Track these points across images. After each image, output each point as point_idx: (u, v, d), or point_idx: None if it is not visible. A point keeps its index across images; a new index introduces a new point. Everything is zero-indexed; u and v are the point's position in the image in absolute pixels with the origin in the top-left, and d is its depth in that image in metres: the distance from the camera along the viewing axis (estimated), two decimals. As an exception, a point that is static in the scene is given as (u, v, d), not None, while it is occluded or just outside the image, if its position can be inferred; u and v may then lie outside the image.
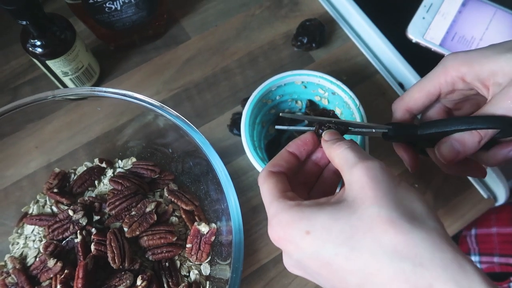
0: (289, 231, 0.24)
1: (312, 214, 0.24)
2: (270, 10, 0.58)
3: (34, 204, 0.43)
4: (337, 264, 0.23)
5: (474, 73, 0.30)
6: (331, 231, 0.23)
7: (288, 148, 0.31)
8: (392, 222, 0.22)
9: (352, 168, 0.25)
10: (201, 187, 0.42)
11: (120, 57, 0.55)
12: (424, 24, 0.51)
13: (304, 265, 0.25)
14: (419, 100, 0.34)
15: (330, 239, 0.23)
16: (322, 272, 0.24)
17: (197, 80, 0.54)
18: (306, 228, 0.24)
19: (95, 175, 0.44)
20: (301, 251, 0.24)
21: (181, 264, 0.40)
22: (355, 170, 0.25)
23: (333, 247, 0.23)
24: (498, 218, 0.58)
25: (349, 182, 0.25)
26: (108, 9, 0.47)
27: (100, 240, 0.38)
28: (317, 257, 0.23)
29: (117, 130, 0.46)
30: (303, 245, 0.24)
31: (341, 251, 0.22)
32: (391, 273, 0.21)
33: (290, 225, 0.24)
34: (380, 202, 0.23)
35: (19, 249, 0.41)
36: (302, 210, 0.25)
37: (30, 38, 0.43)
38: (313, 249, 0.23)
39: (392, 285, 0.21)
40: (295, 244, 0.24)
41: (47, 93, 0.39)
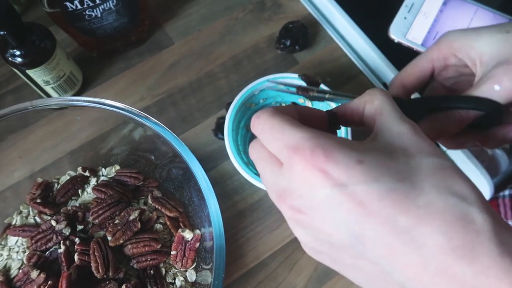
0: (336, 156, 0.19)
1: (363, 147, 0.20)
2: (253, 13, 0.58)
3: (18, 215, 0.43)
4: (391, 198, 0.19)
5: (465, 50, 0.31)
6: (388, 167, 0.20)
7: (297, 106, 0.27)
8: (457, 172, 0.20)
9: (399, 123, 0.22)
10: (185, 193, 0.42)
11: (103, 64, 0.55)
12: (406, 24, 0.51)
13: (329, 203, 0.20)
14: (412, 75, 0.34)
15: (388, 173, 0.19)
16: (359, 211, 0.19)
17: (181, 85, 0.54)
18: (358, 158, 0.20)
19: (78, 184, 0.44)
20: (343, 181, 0.19)
21: (166, 271, 0.40)
22: (403, 125, 0.22)
23: (391, 181, 0.19)
24: None
25: (395, 133, 0.22)
26: (89, 17, 0.47)
27: (84, 250, 0.38)
28: (365, 190, 0.19)
29: (101, 138, 0.46)
30: (350, 174, 0.19)
31: (400, 186, 0.19)
32: (457, 213, 0.19)
33: (337, 149, 0.20)
34: (438, 155, 0.21)
35: (3, 261, 0.40)
36: (348, 142, 0.21)
37: (9, 48, 0.43)
38: (365, 179, 0.19)
39: (459, 225, 0.18)
40: (342, 171, 0.19)
41: (26, 104, 0.39)
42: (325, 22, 0.57)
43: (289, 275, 0.45)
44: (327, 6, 0.56)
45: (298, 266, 0.45)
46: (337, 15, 0.55)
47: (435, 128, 0.30)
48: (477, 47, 0.30)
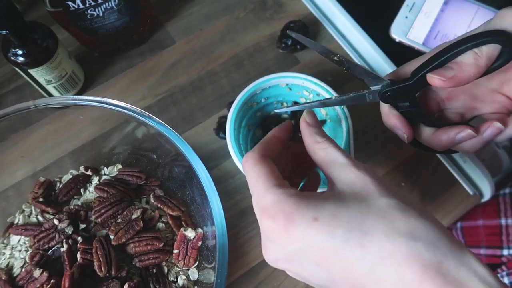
0: (294, 218, 0.23)
1: (319, 202, 0.23)
2: (254, 13, 0.58)
3: (20, 214, 0.43)
4: (346, 251, 0.22)
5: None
6: (341, 218, 0.23)
7: (275, 133, 0.31)
8: (403, 210, 0.23)
9: (348, 167, 0.25)
10: (187, 192, 0.42)
11: (105, 63, 0.55)
12: (407, 23, 0.51)
13: (300, 256, 0.23)
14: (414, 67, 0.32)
15: (340, 225, 0.22)
16: (322, 262, 0.23)
17: (182, 85, 0.54)
18: (314, 215, 0.23)
19: (80, 183, 0.44)
20: (305, 239, 0.23)
21: (169, 270, 0.40)
22: (352, 169, 0.25)
23: (344, 233, 0.22)
24: (484, 211, 0.58)
25: (345, 178, 0.25)
26: (90, 16, 0.47)
27: (86, 249, 0.38)
28: (322, 245, 0.22)
29: (103, 137, 0.46)
30: (309, 233, 0.23)
31: (352, 236, 0.22)
32: (407, 252, 0.21)
33: (296, 212, 0.23)
34: (387, 195, 0.24)
35: (5, 259, 0.40)
36: (307, 198, 0.24)
37: (11, 48, 0.43)
38: (321, 236, 0.22)
39: (407, 264, 0.21)
40: (299, 232, 0.23)
41: (28, 103, 0.39)
42: (326, 21, 0.57)
43: (291, 274, 0.45)
44: (328, 5, 0.56)
45: (299, 265, 0.45)
46: (338, 14, 0.55)
47: (449, 73, 0.29)
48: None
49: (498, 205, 0.53)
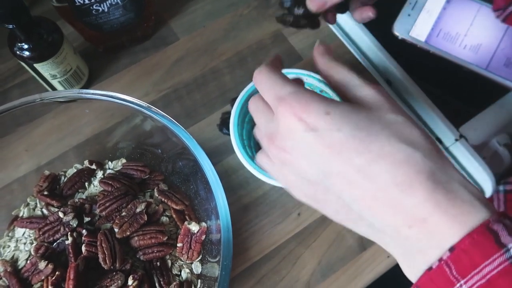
0: (309, 108, 0.25)
1: (334, 102, 0.25)
2: (258, 10, 0.59)
3: (25, 207, 0.43)
4: (349, 144, 0.23)
5: None
6: (350, 118, 0.24)
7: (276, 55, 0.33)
8: (409, 125, 0.24)
9: (364, 86, 0.27)
10: (191, 186, 0.43)
11: (109, 59, 0.55)
12: (410, 21, 0.52)
13: (306, 145, 0.25)
14: None
15: (349, 123, 0.24)
16: (324, 151, 0.24)
17: (186, 81, 0.54)
18: (327, 110, 0.24)
19: (85, 177, 0.44)
20: (314, 127, 0.24)
21: (172, 263, 0.41)
22: (368, 87, 0.27)
23: (350, 129, 0.24)
24: None
25: (362, 96, 0.27)
26: (96, 12, 0.47)
27: (91, 241, 0.38)
28: (330, 136, 0.24)
29: (107, 132, 0.46)
30: (319, 122, 0.24)
31: (358, 134, 0.24)
32: (404, 157, 0.23)
33: (311, 103, 0.25)
34: (397, 111, 0.25)
35: (10, 252, 0.41)
36: (322, 97, 0.25)
37: (17, 42, 0.43)
38: (329, 127, 0.24)
39: (401, 166, 0.22)
40: (311, 121, 0.24)
41: (35, 96, 0.39)
42: (329, 19, 0.58)
43: (293, 268, 0.45)
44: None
45: (301, 260, 0.46)
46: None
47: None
48: None
49: (492, 201, 0.53)
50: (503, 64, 0.49)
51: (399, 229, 0.23)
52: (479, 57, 0.50)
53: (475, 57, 0.50)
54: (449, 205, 0.21)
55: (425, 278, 0.22)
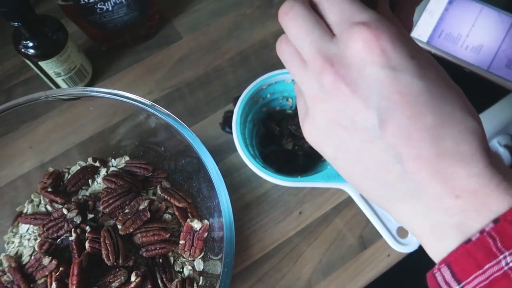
0: (396, 42, 0.21)
1: (417, 46, 0.22)
2: (261, 9, 0.59)
3: (29, 204, 0.44)
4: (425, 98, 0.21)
5: None
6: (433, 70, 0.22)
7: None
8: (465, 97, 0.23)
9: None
10: (194, 184, 0.43)
11: (113, 57, 0.56)
12: (412, 22, 0.52)
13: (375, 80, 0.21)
14: None
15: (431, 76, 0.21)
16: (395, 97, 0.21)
17: (189, 80, 0.55)
18: (413, 52, 0.21)
19: (88, 174, 0.44)
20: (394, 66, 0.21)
21: (175, 260, 0.41)
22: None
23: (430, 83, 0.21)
24: None
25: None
26: (100, 10, 0.48)
27: (94, 238, 0.39)
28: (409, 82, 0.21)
29: (110, 129, 0.47)
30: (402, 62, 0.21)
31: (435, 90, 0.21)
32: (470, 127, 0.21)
33: (399, 39, 0.21)
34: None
35: (14, 248, 0.41)
36: (406, 34, 0.22)
37: (22, 40, 0.44)
38: (411, 72, 0.21)
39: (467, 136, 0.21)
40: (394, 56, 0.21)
41: (40, 94, 0.39)
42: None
43: (294, 267, 0.46)
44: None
45: (303, 259, 0.46)
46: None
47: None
48: None
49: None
50: (505, 65, 0.50)
51: (443, 198, 0.21)
52: (480, 58, 0.50)
53: (476, 58, 0.50)
54: (500, 180, 0.20)
55: (460, 252, 0.20)
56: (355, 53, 0.21)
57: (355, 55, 0.21)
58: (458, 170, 0.20)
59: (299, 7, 0.24)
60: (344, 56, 0.21)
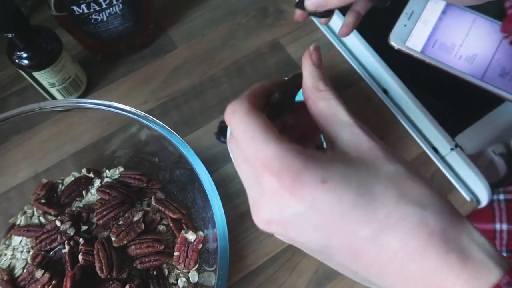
0: (302, 178, 0.21)
1: (327, 163, 0.22)
2: (256, 19, 0.59)
3: (22, 215, 0.43)
4: (353, 216, 0.21)
5: None
6: (350, 181, 0.21)
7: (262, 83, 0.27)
8: (412, 178, 0.22)
9: (351, 127, 0.23)
10: (188, 195, 0.43)
11: (108, 67, 0.56)
12: (406, 31, 0.52)
13: (300, 220, 0.21)
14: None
15: (349, 189, 0.21)
16: (325, 227, 0.21)
17: (184, 89, 0.55)
18: (322, 177, 0.21)
19: (82, 185, 0.44)
20: (312, 202, 0.21)
21: (169, 272, 0.41)
22: (356, 130, 0.23)
23: (353, 197, 0.21)
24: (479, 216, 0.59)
25: (349, 140, 0.23)
26: (95, 21, 0.48)
27: (88, 250, 0.38)
28: (330, 209, 0.21)
29: (105, 140, 0.47)
30: (317, 195, 0.21)
31: (361, 201, 0.21)
32: (414, 221, 0.21)
33: (304, 171, 0.21)
34: (394, 160, 0.22)
35: (7, 260, 0.41)
36: (314, 157, 0.22)
37: (16, 50, 0.44)
38: (329, 199, 0.21)
39: (413, 231, 0.21)
40: (306, 194, 0.21)
41: (33, 106, 0.39)
42: (326, 28, 0.58)
43: (290, 277, 0.46)
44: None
45: (298, 269, 0.46)
46: (338, 22, 0.56)
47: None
48: None
49: (492, 210, 0.53)
50: (498, 75, 0.50)
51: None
52: (474, 68, 0.50)
53: (470, 67, 0.50)
54: (461, 269, 0.20)
55: None
56: (270, 199, 0.21)
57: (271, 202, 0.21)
58: (414, 269, 0.20)
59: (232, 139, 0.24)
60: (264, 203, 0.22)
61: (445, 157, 0.51)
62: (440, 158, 0.51)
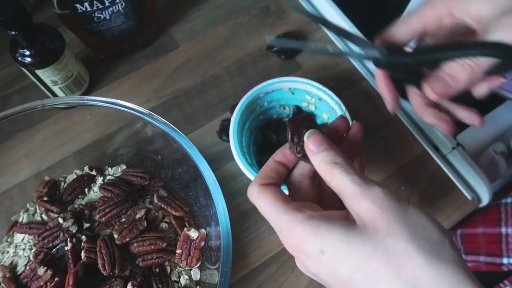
0: (304, 247, 0.24)
1: (326, 232, 0.24)
2: (258, 18, 0.59)
3: (24, 213, 0.43)
4: (354, 284, 0.23)
5: (463, 7, 0.29)
6: (346, 254, 0.23)
7: (275, 157, 0.30)
8: (409, 255, 0.22)
9: (356, 197, 0.24)
10: (191, 193, 0.43)
11: (110, 65, 0.56)
12: (408, 31, 0.52)
13: (319, 277, 0.25)
14: (403, 35, 0.32)
15: (345, 263, 0.23)
16: (337, 286, 0.24)
17: (186, 88, 0.55)
18: (320, 248, 0.24)
19: (85, 183, 0.44)
20: (317, 266, 0.24)
21: (171, 269, 0.41)
22: (360, 200, 0.24)
23: (349, 271, 0.23)
24: (485, 219, 0.59)
25: (355, 211, 0.24)
26: (97, 19, 0.48)
27: (90, 247, 0.38)
28: (334, 276, 0.24)
29: (107, 138, 0.47)
30: (318, 263, 0.24)
31: (357, 276, 0.22)
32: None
33: (303, 240, 0.24)
34: (394, 233, 0.22)
35: (9, 257, 0.41)
36: (314, 225, 0.24)
37: (19, 48, 0.44)
38: (329, 268, 0.24)
39: None
40: (311, 258, 0.24)
41: (37, 103, 0.39)
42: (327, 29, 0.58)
43: (291, 276, 0.46)
44: (330, 12, 0.58)
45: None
46: (340, 22, 0.56)
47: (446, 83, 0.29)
48: (475, 2, 0.29)
49: (499, 214, 0.53)
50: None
51: None
52: (476, 67, 0.50)
53: (472, 66, 0.50)
54: None
55: None
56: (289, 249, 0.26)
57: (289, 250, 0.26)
58: None
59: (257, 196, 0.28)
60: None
61: (447, 156, 0.51)
62: (442, 157, 0.51)
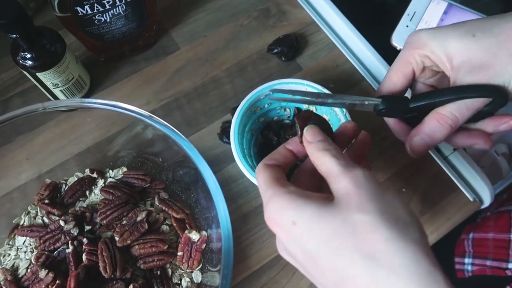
0: (279, 218, 0.26)
1: (300, 205, 0.25)
2: (258, 20, 0.59)
3: (25, 216, 0.43)
4: (319, 259, 0.24)
5: (437, 54, 0.32)
6: (316, 227, 0.24)
7: (286, 145, 0.32)
8: (373, 230, 0.23)
9: (337, 177, 0.26)
10: (192, 195, 0.43)
11: (111, 68, 0.56)
12: (408, 32, 0.52)
13: (291, 252, 0.26)
14: (398, 82, 0.35)
15: (314, 236, 0.24)
16: (305, 263, 0.25)
17: (187, 90, 0.55)
18: (293, 218, 0.25)
19: (86, 186, 0.44)
20: (289, 238, 0.26)
21: (173, 272, 0.41)
22: (340, 179, 0.25)
23: (316, 243, 0.24)
24: (496, 224, 0.59)
25: (335, 189, 0.26)
26: (98, 22, 0.48)
27: (92, 250, 0.38)
28: (302, 249, 0.25)
29: (108, 140, 0.47)
30: (290, 234, 0.25)
31: (323, 249, 0.24)
32: (367, 280, 0.22)
33: (279, 212, 0.26)
34: (365, 209, 0.23)
35: (11, 260, 0.41)
36: (291, 198, 0.26)
37: (20, 51, 0.44)
38: (299, 239, 0.25)
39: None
40: (284, 231, 0.26)
41: (38, 105, 0.39)
42: (328, 29, 0.58)
43: (292, 278, 0.46)
44: (330, 13, 0.58)
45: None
46: (340, 23, 0.56)
47: (425, 142, 0.33)
48: (446, 50, 0.31)
49: (510, 220, 0.53)
50: (500, 75, 0.50)
51: None
52: (476, 68, 0.50)
53: (472, 67, 0.50)
54: None
55: None
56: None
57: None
58: None
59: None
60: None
61: (448, 157, 0.51)
62: (443, 158, 0.51)
